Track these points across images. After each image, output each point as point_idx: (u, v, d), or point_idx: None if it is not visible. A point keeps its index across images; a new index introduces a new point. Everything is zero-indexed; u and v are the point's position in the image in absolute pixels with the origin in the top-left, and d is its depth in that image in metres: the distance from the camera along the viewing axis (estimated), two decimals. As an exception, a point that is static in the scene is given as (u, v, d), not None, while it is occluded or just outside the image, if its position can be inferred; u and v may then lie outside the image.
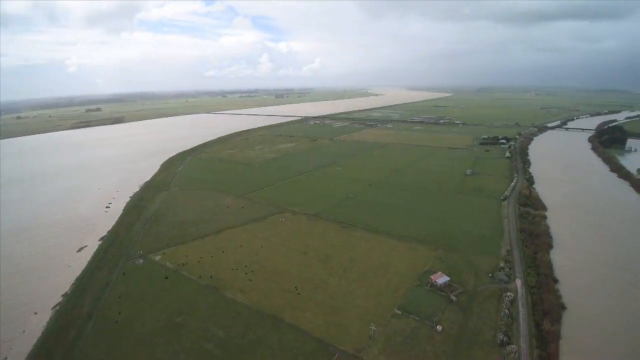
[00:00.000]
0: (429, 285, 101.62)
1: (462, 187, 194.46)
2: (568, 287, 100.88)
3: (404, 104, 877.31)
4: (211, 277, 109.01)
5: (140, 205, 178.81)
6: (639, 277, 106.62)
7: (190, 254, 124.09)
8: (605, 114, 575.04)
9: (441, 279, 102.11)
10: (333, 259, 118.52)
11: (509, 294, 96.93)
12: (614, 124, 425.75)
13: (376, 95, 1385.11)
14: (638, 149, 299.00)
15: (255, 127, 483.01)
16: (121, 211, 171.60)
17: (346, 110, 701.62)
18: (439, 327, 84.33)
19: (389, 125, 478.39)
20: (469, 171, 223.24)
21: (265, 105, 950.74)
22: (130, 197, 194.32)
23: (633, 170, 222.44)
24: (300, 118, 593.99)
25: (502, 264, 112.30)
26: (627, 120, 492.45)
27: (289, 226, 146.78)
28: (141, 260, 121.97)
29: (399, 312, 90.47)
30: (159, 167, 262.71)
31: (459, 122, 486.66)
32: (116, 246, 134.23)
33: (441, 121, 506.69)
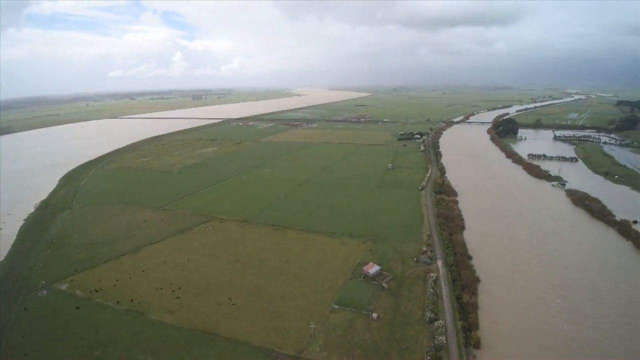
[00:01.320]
0: (362, 276, 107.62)
1: (385, 181, 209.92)
2: (480, 262, 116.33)
3: (326, 103, 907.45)
4: (132, 300, 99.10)
5: (37, 228, 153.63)
6: (538, 248, 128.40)
7: (105, 277, 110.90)
8: (500, 108, 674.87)
9: (372, 269, 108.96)
10: (267, 263, 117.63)
11: (432, 274, 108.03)
12: (507, 116, 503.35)
13: (299, 95, 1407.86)
14: (527, 137, 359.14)
15: (172, 131, 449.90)
16: (14, 237, 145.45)
17: (270, 111, 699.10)
18: (374, 315, 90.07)
19: (314, 125, 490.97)
20: (390, 165, 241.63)
21: (182, 107, 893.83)
22: (25, 219, 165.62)
23: (524, 156, 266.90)
24: (221, 120, 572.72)
25: (424, 248, 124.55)
26: (517, 113, 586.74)
27: (218, 235, 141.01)
28: (45, 292, 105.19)
29: (336, 306, 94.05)
30: (57, 182, 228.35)
31: (387, 119, 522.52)
32: (12, 279, 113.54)
33: (363, 119, 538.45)
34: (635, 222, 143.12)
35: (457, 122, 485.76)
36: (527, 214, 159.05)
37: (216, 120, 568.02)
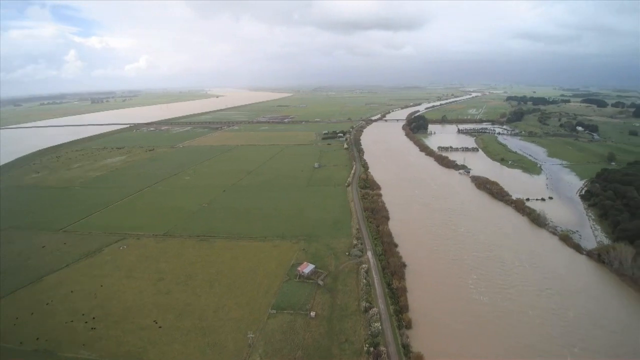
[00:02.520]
0: (297, 277, 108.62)
1: (312, 180, 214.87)
2: (405, 249, 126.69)
3: (247, 105, 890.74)
4: (37, 339, 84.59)
5: None
6: (453, 230, 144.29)
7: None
8: (412, 106, 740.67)
9: (307, 268, 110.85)
10: (195, 277, 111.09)
11: (364, 265, 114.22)
12: (418, 113, 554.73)
13: (217, 96, 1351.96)
14: (436, 132, 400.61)
15: (70, 140, 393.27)
16: None
17: (186, 114, 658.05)
18: (312, 313, 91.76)
19: (236, 127, 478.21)
20: (316, 164, 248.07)
21: (80, 112, 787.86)
22: None
23: (435, 149, 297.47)
24: (129, 125, 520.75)
25: (355, 242, 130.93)
26: (426, 110, 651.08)
27: (134, 253, 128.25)
28: None
29: (273, 311, 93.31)
30: None
31: (310, 119, 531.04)
32: None
33: (286, 120, 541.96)
34: (527, 199, 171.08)
35: (376, 120, 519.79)
36: (441, 199, 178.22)
37: (123, 126, 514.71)
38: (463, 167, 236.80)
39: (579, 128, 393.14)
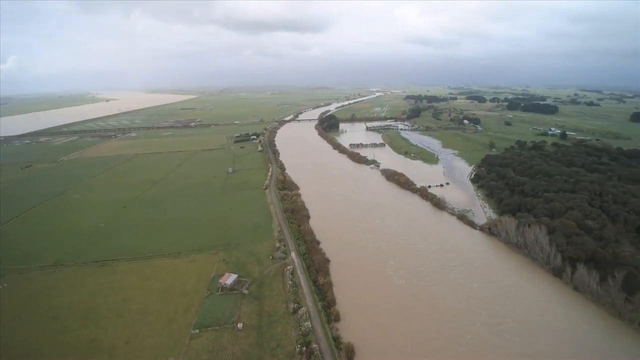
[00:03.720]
0: (219, 289, 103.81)
1: (227, 185, 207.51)
2: (327, 244, 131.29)
3: (145, 108, 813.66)
4: None
5: None
6: (369, 222, 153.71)
7: None
8: (322, 106, 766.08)
9: (229, 279, 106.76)
10: (98, 309, 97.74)
11: (288, 267, 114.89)
12: (329, 113, 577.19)
13: (107, 100, 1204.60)
14: (347, 130, 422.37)
15: None
16: None
17: (70, 122, 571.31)
18: (239, 325, 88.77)
19: (133, 134, 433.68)
20: (230, 169, 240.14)
21: None
22: None
23: (347, 146, 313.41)
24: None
25: (278, 244, 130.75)
26: (336, 109, 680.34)
27: (19, 293, 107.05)
28: None
29: (196, 331, 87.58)
30: None
31: (219, 122, 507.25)
32: None
33: (192, 124, 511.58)
34: (429, 186, 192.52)
35: (289, 121, 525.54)
36: (357, 194, 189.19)
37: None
38: (373, 162, 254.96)
39: (465, 121, 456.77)
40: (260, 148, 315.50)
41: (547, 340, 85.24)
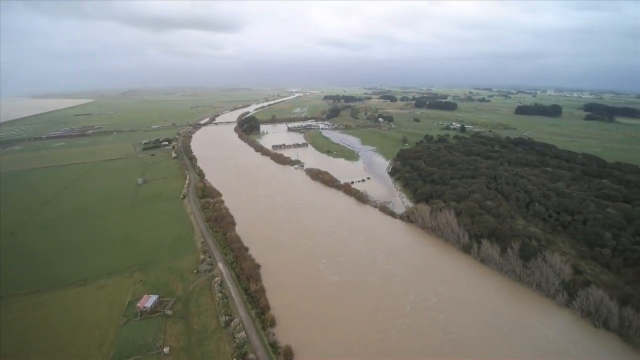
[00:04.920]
0: (138, 314, 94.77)
1: (139, 198, 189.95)
2: (257, 250, 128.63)
3: (28, 117, 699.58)
4: None
5: None
6: (298, 222, 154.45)
7: None
8: (241, 107, 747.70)
9: (149, 301, 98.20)
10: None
11: (216, 278, 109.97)
12: (249, 114, 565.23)
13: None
14: (268, 132, 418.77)
15: None
16: None
17: None
18: (165, 350, 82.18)
19: (16, 148, 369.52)
20: (140, 180, 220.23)
21: None
22: None
23: (270, 147, 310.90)
24: None
25: (202, 256, 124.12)
26: (256, 111, 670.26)
27: None
28: None
29: (113, 364, 78.61)
30: None
31: (123, 129, 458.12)
32: None
33: (90, 131, 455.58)
34: (352, 182, 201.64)
35: (205, 124, 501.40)
36: (283, 195, 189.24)
37: None
38: (297, 162, 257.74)
39: (380, 119, 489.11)
40: (174, 155, 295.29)
41: (466, 312, 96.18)
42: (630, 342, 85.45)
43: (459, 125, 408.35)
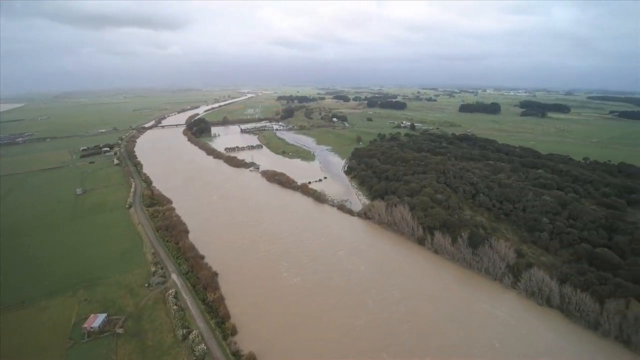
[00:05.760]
0: (85, 336, 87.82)
1: (79, 210, 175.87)
2: (214, 257, 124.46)
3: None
4: None
5: None
6: (255, 226, 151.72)
7: None
8: (189, 109, 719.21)
9: (96, 320, 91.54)
10: None
11: (170, 290, 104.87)
12: (198, 116, 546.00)
13: None
14: (220, 134, 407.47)
15: None
16: None
17: None
18: (116, 371, 76.94)
19: None
20: (79, 190, 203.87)
21: None
22: None
23: (222, 150, 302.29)
24: None
25: (153, 268, 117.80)
26: (206, 112, 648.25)
27: None
28: None
29: (56, 393, 72.09)
30: None
31: (58, 135, 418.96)
32: None
33: (20, 139, 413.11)
34: (309, 182, 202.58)
35: (150, 128, 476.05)
36: (239, 199, 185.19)
37: None
38: (252, 164, 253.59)
39: (334, 119, 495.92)
40: (116, 161, 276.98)
41: (424, 302, 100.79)
42: (570, 317, 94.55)
43: (409, 124, 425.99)
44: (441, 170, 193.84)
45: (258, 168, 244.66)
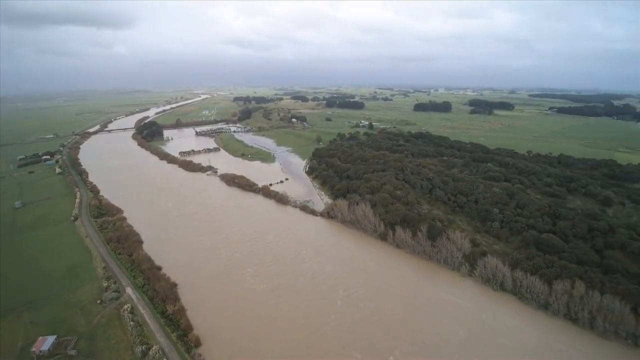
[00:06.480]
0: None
1: (18, 225, 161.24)
2: (172, 268, 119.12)
3: None
4: None
5: None
6: (216, 233, 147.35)
7: None
8: (138, 112, 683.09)
9: (45, 343, 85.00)
10: None
11: (126, 306, 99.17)
12: (149, 119, 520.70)
13: None
14: (173, 137, 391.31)
15: None
16: None
17: None
18: (67, 397, 71.49)
19: None
20: (18, 203, 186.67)
21: None
22: None
23: (177, 154, 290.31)
24: None
25: (105, 284, 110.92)
26: (157, 115, 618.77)
27: None
28: None
29: None
30: None
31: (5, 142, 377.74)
32: None
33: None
34: (271, 184, 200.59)
35: (95, 132, 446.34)
36: (197, 205, 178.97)
37: None
38: (210, 168, 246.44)
39: (294, 120, 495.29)
40: (59, 170, 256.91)
41: (391, 296, 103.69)
42: (523, 299, 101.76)
43: (367, 123, 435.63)
44: (399, 168, 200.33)
45: (216, 172, 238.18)
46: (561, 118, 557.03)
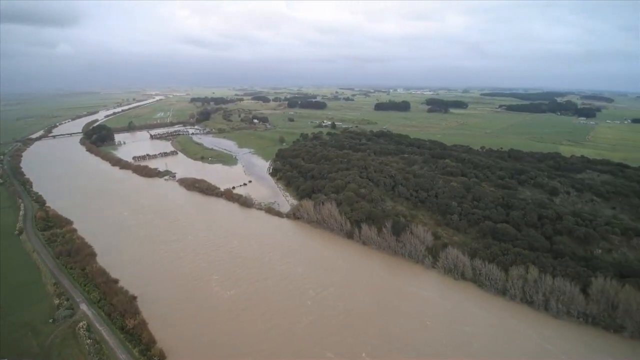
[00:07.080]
0: (-32, 394, 73.30)
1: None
2: (130, 280, 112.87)
3: None
4: None
5: None
6: (178, 241, 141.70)
7: None
8: (86, 115, 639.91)
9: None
10: None
11: (81, 323, 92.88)
12: (98, 123, 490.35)
13: None
14: (126, 142, 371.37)
15: None
16: None
17: None
18: None
19: None
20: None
21: None
22: None
23: (130, 159, 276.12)
24: None
25: (57, 301, 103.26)
26: (106, 118, 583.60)
27: None
28: None
29: None
30: None
31: None
32: None
33: None
34: (233, 187, 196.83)
35: (38, 139, 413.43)
36: (155, 213, 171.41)
37: None
38: (167, 172, 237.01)
39: (255, 120, 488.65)
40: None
41: (360, 293, 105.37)
42: (482, 287, 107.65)
43: (330, 123, 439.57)
44: (363, 166, 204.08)
45: (174, 176, 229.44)
46: (510, 115, 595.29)
